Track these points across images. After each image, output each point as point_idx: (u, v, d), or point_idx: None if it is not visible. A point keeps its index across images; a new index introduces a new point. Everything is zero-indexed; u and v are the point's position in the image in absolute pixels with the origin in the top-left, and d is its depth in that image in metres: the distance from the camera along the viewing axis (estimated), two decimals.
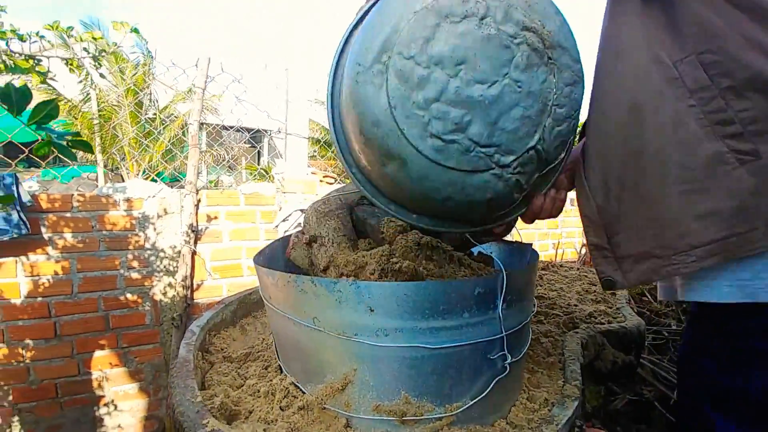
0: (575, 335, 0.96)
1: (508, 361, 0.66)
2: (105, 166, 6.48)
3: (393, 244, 0.81)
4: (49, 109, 0.55)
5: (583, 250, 2.78)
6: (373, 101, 0.58)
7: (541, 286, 1.40)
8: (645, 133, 0.59)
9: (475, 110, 0.57)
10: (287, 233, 1.76)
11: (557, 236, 3.21)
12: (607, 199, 0.64)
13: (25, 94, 0.53)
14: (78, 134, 0.59)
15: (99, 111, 6.72)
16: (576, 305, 1.21)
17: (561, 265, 1.74)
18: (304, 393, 0.70)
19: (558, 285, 1.42)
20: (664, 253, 0.58)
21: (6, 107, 0.52)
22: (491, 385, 0.64)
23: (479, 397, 0.63)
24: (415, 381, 0.60)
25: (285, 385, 0.72)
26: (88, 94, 6.87)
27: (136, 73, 6.87)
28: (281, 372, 0.81)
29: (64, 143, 0.56)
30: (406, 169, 0.60)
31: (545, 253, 3.15)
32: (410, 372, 0.59)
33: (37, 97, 0.59)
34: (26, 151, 1.69)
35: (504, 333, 0.65)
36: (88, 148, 0.58)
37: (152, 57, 7.17)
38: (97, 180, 6.17)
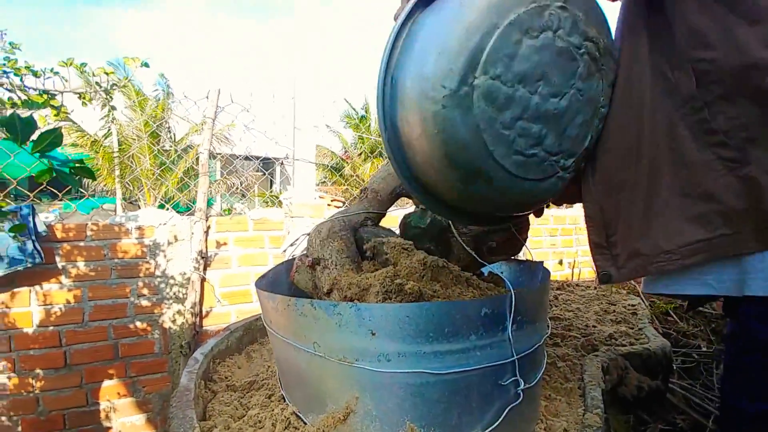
0: (595, 359, 0.90)
1: (521, 387, 0.61)
2: (123, 197, 6.69)
3: (397, 265, 0.79)
4: (52, 138, 0.56)
5: None
6: (462, 125, 0.56)
7: (556, 306, 1.34)
8: (643, 139, 0.62)
9: (550, 123, 0.59)
10: (293, 257, 1.75)
11: (572, 255, 3.12)
12: (608, 200, 0.67)
13: (29, 123, 0.54)
14: (81, 161, 0.60)
15: (119, 145, 7.01)
16: (594, 326, 1.14)
17: (577, 285, 1.67)
18: (305, 423, 0.66)
19: (574, 305, 1.36)
20: (652, 252, 0.61)
21: (11, 136, 0.53)
22: (503, 414, 0.59)
23: (491, 428, 0.58)
24: (421, 410, 0.56)
25: (286, 415, 0.69)
26: (109, 129, 7.19)
27: (154, 107, 7.18)
28: (284, 401, 0.78)
29: (68, 170, 0.57)
30: (492, 186, 0.61)
31: (560, 273, 3.06)
32: (415, 400, 0.56)
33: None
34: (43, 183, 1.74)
35: (515, 356, 0.62)
36: (90, 174, 0.59)
37: (171, 92, 7.53)
38: (115, 211, 6.35)
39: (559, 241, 3.08)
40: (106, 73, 0.98)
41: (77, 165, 0.56)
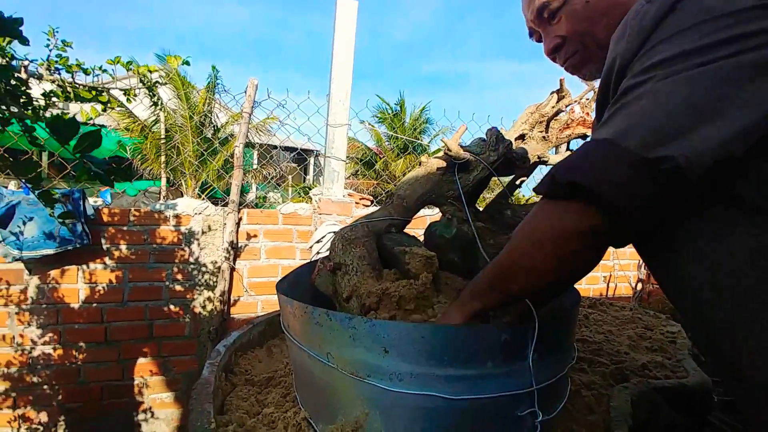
0: (624, 390, 0.84)
1: (539, 419, 0.58)
2: (167, 182, 7.09)
3: (418, 279, 0.77)
4: (92, 140, 0.59)
5: (639, 286, 2.53)
6: None
7: (586, 327, 1.27)
8: None
9: None
10: (319, 254, 1.77)
11: (609, 269, 2.96)
12: None
13: (72, 125, 0.57)
14: (118, 162, 0.63)
15: (166, 132, 7.41)
16: (627, 353, 1.07)
17: (611, 304, 1.58)
18: (315, 431, 0.66)
19: (606, 327, 1.28)
20: None
21: (55, 137, 0.56)
22: None
23: None
24: None
25: (298, 420, 0.70)
26: (157, 117, 7.59)
27: (198, 98, 7.50)
28: (298, 403, 0.78)
29: (104, 173, 0.60)
30: None
31: (595, 287, 2.91)
32: (424, 425, 0.54)
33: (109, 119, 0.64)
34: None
35: (535, 386, 0.58)
36: (125, 175, 0.62)
37: (219, 83, 7.82)
38: (159, 193, 6.74)
39: None
40: (150, 71, 1.03)
41: (113, 167, 0.58)
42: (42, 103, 0.90)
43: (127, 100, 1.03)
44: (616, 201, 0.37)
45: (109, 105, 1.01)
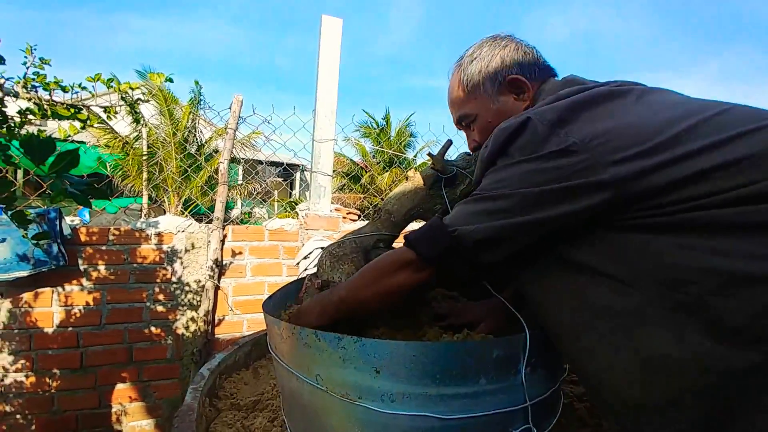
0: None
1: None
2: (150, 198, 6.94)
3: None
4: (69, 158, 0.57)
5: None
6: None
7: None
8: None
9: None
10: (307, 271, 1.75)
11: None
12: None
13: (47, 144, 0.55)
14: (94, 183, 0.61)
15: (149, 147, 7.29)
16: None
17: None
18: None
19: None
20: None
21: (29, 157, 0.54)
22: None
23: None
24: None
25: None
26: (139, 132, 7.47)
27: (181, 113, 7.43)
28: (286, 427, 0.76)
29: (79, 190, 0.58)
30: None
31: None
32: None
33: (90, 135, 0.62)
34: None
35: (528, 402, 0.58)
36: (103, 195, 0.60)
37: (201, 98, 7.79)
38: (141, 210, 6.58)
39: None
40: (131, 88, 1.01)
41: (90, 187, 0.56)
42: (18, 120, 0.87)
43: (108, 117, 1.01)
44: (425, 251, 0.61)
45: (88, 122, 0.98)
